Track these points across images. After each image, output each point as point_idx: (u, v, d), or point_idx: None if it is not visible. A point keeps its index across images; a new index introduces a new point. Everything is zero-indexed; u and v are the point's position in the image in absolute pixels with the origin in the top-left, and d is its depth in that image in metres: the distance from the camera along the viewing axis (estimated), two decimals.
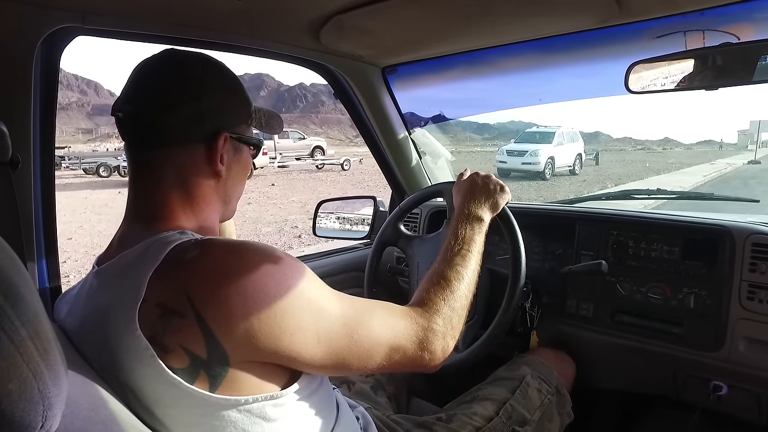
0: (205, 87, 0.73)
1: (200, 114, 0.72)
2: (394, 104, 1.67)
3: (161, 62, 0.74)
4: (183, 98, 0.71)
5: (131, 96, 0.72)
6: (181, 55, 0.75)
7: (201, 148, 0.73)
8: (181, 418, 0.62)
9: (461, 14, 1.13)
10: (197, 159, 0.73)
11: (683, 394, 1.31)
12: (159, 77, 0.72)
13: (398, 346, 0.75)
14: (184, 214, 0.73)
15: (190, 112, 0.71)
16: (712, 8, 1.03)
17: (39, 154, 0.97)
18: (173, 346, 0.59)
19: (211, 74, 0.75)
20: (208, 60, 0.76)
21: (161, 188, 0.72)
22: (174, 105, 0.70)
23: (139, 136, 0.73)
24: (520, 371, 1.19)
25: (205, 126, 0.73)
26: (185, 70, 0.73)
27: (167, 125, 0.71)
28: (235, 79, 0.78)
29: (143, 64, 0.74)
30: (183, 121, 0.71)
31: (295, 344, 0.63)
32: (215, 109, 0.73)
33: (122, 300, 0.61)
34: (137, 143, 0.73)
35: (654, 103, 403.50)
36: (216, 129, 0.74)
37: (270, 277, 0.63)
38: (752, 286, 1.11)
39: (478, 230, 1.01)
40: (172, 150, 0.72)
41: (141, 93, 0.72)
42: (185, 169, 0.73)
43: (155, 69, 0.73)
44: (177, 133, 0.71)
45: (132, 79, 0.73)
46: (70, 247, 6.84)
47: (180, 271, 0.61)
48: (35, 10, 0.88)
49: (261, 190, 13.12)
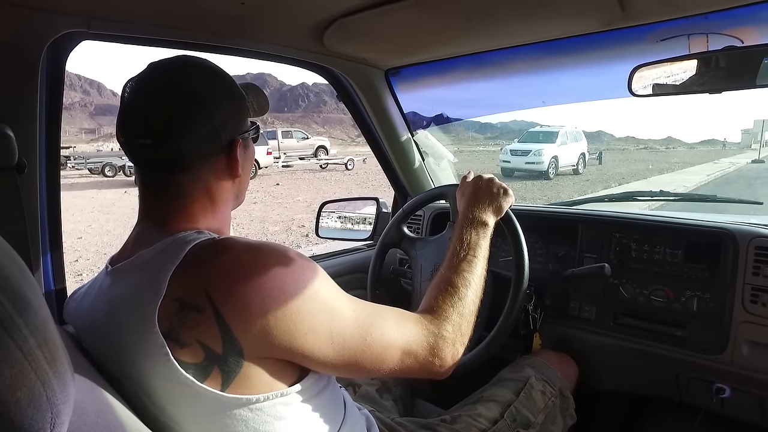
0: (212, 99, 0.72)
1: (215, 130, 0.72)
2: (397, 106, 1.67)
3: (156, 81, 0.71)
4: (197, 120, 0.70)
5: (140, 128, 0.70)
6: (173, 67, 0.73)
7: (221, 159, 0.74)
8: (192, 417, 0.64)
9: (464, 17, 1.13)
10: (218, 169, 0.75)
11: (686, 397, 1.30)
12: (164, 102, 0.69)
13: (410, 351, 0.76)
14: (204, 217, 0.74)
15: (207, 132, 0.71)
16: (716, 12, 1.02)
17: (45, 159, 0.98)
18: (189, 341, 0.60)
19: (209, 81, 0.74)
20: (199, 65, 0.74)
21: (182, 201, 0.73)
22: (189, 129, 0.69)
23: (157, 164, 0.72)
24: (524, 373, 1.19)
25: (221, 140, 0.73)
26: (186, 85, 0.71)
27: (186, 151, 0.70)
28: (226, 75, 0.77)
29: (137, 86, 0.71)
30: (201, 142, 0.71)
31: (309, 342, 0.65)
32: (226, 119, 0.73)
33: (141, 297, 0.62)
34: (154, 170, 0.73)
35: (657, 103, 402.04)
36: (230, 138, 0.74)
37: (287, 277, 0.64)
38: (755, 289, 1.11)
39: (483, 235, 1.01)
40: (194, 171, 0.72)
41: (150, 123, 0.69)
42: (208, 183, 0.74)
43: (155, 92, 0.70)
44: (197, 155, 0.71)
45: (132, 105, 0.71)
46: (80, 246, 6.86)
47: (199, 268, 0.63)
48: (41, 16, 0.88)
49: (266, 190, 13.15)
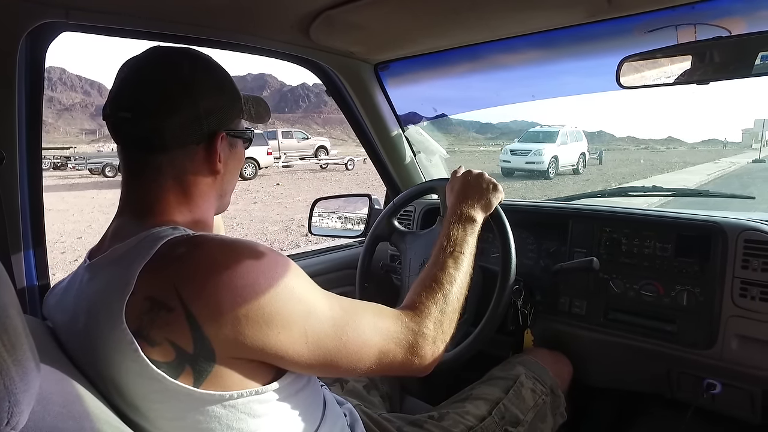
0: (200, 88, 0.72)
1: (197, 117, 0.71)
2: (387, 101, 1.66)
3: (151, 63, 0.72)
4: (180, 103, 0.70)
5: (124, 101, 0.70)
6: (172, 53, 0.74)
7: (200, 150, 0.73)
8: (165, 413, 0.62)
9: (450, 9, 1.12)
10: (196, 160, 0.74)
11: (677, 393, 1.29)
12: (153, 81, 0.70)
13: (388, 349, 0.75)
14: (179, 210, 0.73)
15: (188, 116, 0.71)
16: (703, 1, 1.02)
17: (25, 151, 0.97)
18: (160, 340, 0.59)
19: (203, 73, 0.74)
20: (197, 56, 0.75)
21: (158, 188, 0.72)
22: (171, 110, 0.69)
23: (136, 140, 0.71)
24: (515, 371, 1.18)
25: (203, 128, 0.72)
26: (178, 70, 0.71)
27: (165, 130, 0.70)
28: (225, 73, 0.77)
29: (131, 64, 0.72)
30: (181, 125, 0.70)
31: (282, 342, 0.63)
32: (211, 110, 0.73)
33: (111, 293, 0.61)
34: (133, 147, 0.72)
35: (657, 102, 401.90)
36: (213, 129, 0.74)
37: (260, 275, 0.63)
38: (744, 282, 1.10)
39: (471, 231, 1.00)
40: (170, 153, 0.71)
41: (135, 98, 0.70)
42: (184, 170, 0.73)
43: (146, 71, 0.71)
44: (175, 138, 0.71)
45: (122, 82, 0.71)
46: (80, 245, 6.91)
47: (170, 266, 0.61)
48: (17, 5, 0.87)
49: (266, 190, 13.17)
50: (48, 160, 22.75)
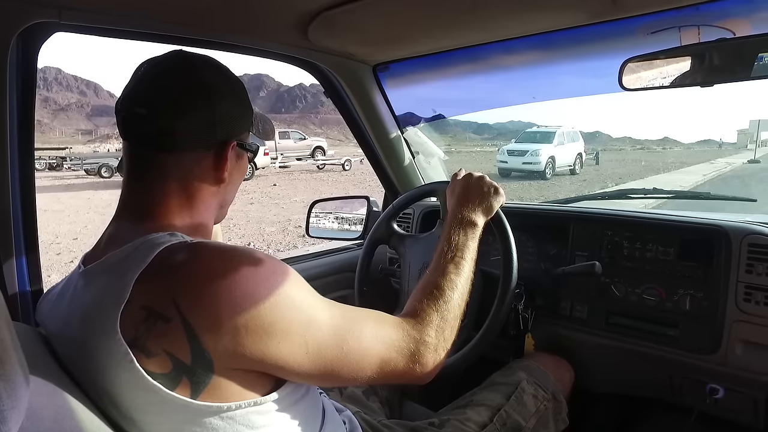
0: (219, 94, 0.72)
1: (213, 122, 0.71)
2: (386, 103, 1.65)
3: (173, 64, 0.72)
4: (198, 105, 0.70)
5: (141, 98, 0.70)
6: (193, 58, 0.74)
7: (209, 155, 0.73)
8: (161, 425, 0.61)
9: (449, 10, 1.11)
10: (203, 166, 0.73)
11: (680, 398, 1.28)
12: (173, 80, 0.70)
13: (389, 358, 0.73)
14: (179, 215, 0.71)
15: (203, 120, 0.70)
16: (708, 3, 1.00)
17: (17, 152, 0.95)
18: (156, 351, 0.57)
19: (224, 80, 0.74)
20: (218, 65, 0.75)
21: (161, 189, 0.71)
22: (188, 111, 0.69)
23: (146, 138, 0.70)
24: (516, 376, 1.17)
25: (216, 134, 0.72)
26: (200, 74, 0.71)
27: (179, 131, 0.69)
28: (242, 85, 0.78)
29: (153, 64, 0.72)
30: (194, 128, 0.70)
31: (282, 353, 0.62)
32: (227, 118, 0.73)
33: (106, 302, 0.60)
34: (141, 144, 0.71)
35: (653, 103, 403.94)
36: (225, 137, 0.73)
37: (260, 284, 0.61)
38: (748, 287, 1.09)
39: (472, 236, 0.99)
40: (179, 155, 0.71)
41: (153, 95, 0.69)
42: (190, 174, 0.72)
43: (167, 71, 0.71)
44: (186, 140, 0.70)
45: (140, 80, 0.71)
46: (76, 247, 6.91)
47: (167, 274, 0.60)
48: (8, 5, 0.86)
49: (263, 191, 13.17)
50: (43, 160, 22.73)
